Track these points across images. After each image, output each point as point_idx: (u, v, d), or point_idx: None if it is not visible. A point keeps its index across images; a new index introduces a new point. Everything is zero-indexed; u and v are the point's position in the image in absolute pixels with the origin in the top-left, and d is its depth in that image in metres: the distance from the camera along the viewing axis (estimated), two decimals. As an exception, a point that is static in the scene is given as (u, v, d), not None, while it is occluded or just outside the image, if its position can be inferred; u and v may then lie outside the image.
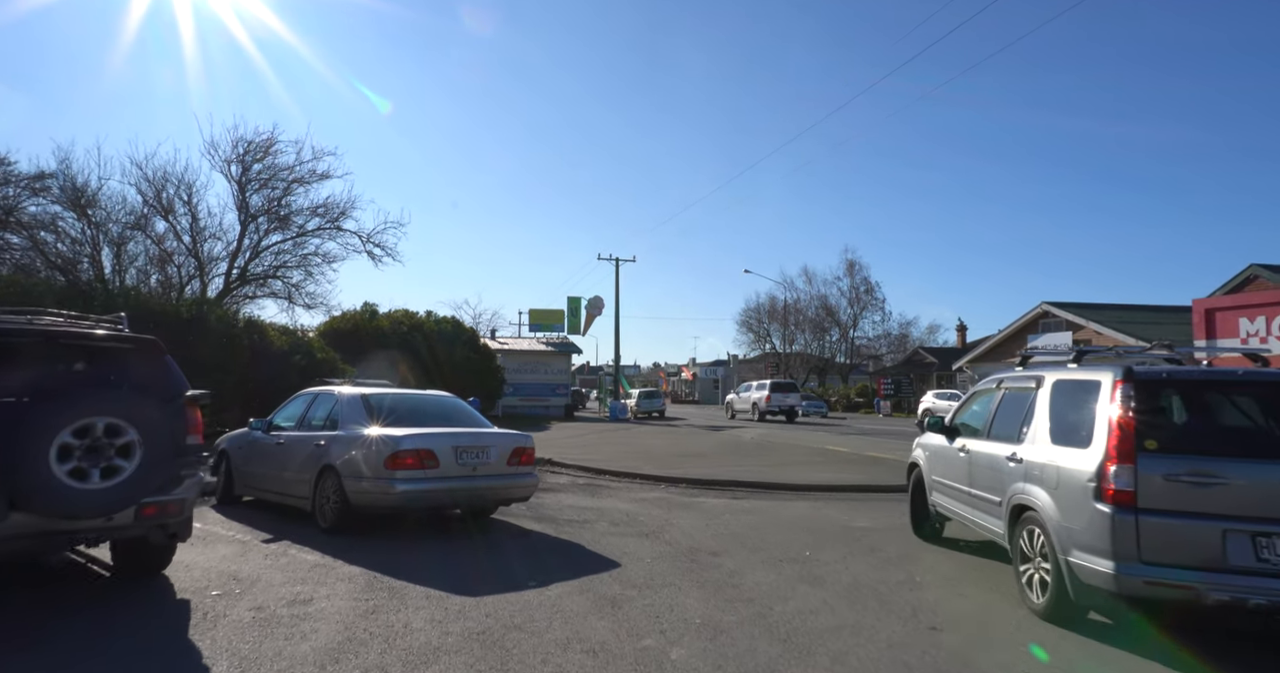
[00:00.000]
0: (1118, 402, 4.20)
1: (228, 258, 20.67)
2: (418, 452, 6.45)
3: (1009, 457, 5.10)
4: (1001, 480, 5.16)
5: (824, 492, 10.30)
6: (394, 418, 7.04)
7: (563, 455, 14.34)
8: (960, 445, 6.03)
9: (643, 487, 10.80)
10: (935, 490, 6.69)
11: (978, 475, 5.66)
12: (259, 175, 20.51)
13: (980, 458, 5.61)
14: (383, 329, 25.68)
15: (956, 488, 6.09)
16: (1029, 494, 4.71)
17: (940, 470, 6.57)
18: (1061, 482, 4.41)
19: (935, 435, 6.72)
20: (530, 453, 7.35)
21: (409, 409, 7.41)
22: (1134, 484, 3.99)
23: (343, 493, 6.55)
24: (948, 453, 6.34)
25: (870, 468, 13.21)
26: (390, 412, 7.16)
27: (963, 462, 5.96)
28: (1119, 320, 28.82)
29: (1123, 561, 3.92)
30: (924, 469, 7.00)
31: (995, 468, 5.32)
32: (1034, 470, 4.73)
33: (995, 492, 5.28)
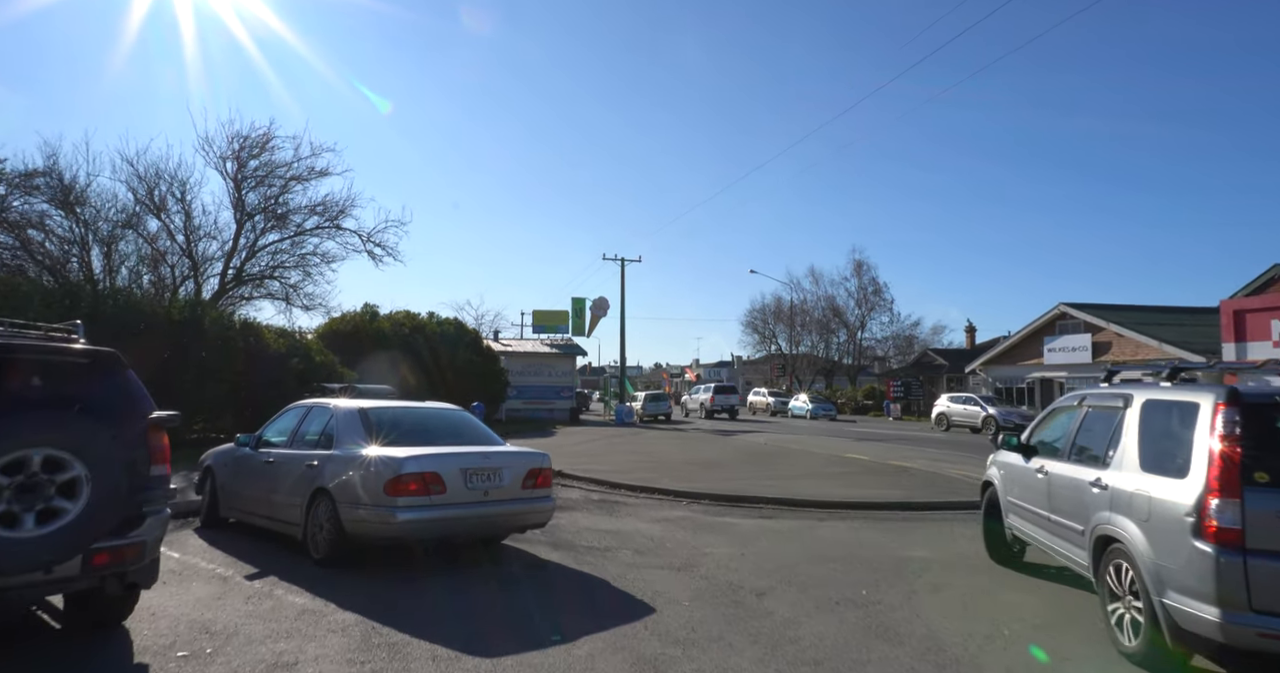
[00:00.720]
0: (1220, 427, 3.79)
1: (223, 258, 19.95)
2: (422, 475, 5.70)
3: (1092, 482, 4.66)
4: (1084, 508, 4.74)
5: (859, 510, 9.54)
6: (395, 435, 6.29)
7: (573, 466, 13.59)
8: (1038, 466, 5.59)
9: (662, 504, 10.05)
10: (1011, 513, 6.22)
11: (1058, 500, 5.22)
12: (255, 172, 19.79)
13: (1060, 481, 5.17)
14: (384, 331, 24.96)
15: (1034, 512, 5.65)
16: (1116, 525, 4.28)
17: (1017, 492, 6.09)
18: (1154, 514, 3.99)
19: (1011, 454, 6.22)
20: (547, 474, 6.59)
21: (412, 425, 6.67)
22: (1240, 522, 3.58)
23: (337, 521, 5.81)
24: (1025, 474, 5.88)
25: (899, 479, 12.45)
26: (391, 428, 6.41)
27: (1041, 484, 5.51)
28: (1140, 322, 28.05)
29: (1230, 608, 3.50)
30: (999, 489, 6.51)
31: (1077, 493, 4.88)
32: (1121, 499, 4.30)
33: (1077, 519, 4.84)
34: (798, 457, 16.85)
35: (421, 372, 25.26)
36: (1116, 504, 4.33)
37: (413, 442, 6.26)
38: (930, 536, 7.88)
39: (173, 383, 14.84)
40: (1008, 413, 28.43)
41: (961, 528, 8.39)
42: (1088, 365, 29.66)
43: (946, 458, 17.52)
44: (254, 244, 20.30)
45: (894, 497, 10.34)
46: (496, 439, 6.95)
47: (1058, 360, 31.15)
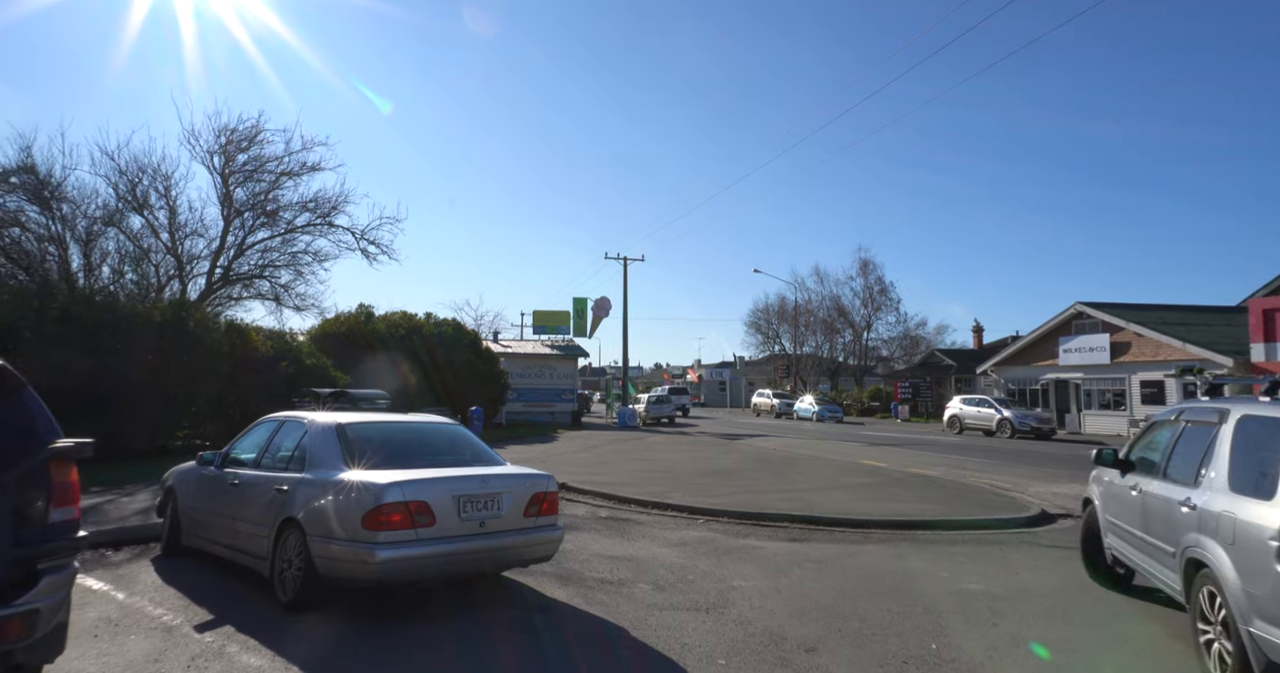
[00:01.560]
0: None
1: (210, 257, 19.04)
2: (407, 505, 4.82)
3: (1182, 501, 4.47)
4: (1174, 528, 4.54)
5: (896, 530, 8.66)
6: (378, 456, 5.41)
7: (578, 477, 12.71)
8: (1133, 483, 5.40)
9: (678, 522, 9.16)
10: (1109, 532, 5.95)
11: (1150, 519, 5.02)
12: (244, 167, 18.91)
13: (1153, 500, 4.98)
14: (379, 332, 24.09)
15: (1130, 531, 5.42)
16: (1203, 548, 4.09)
17: (1114, 510, 5.84)
18: (1239, 537, 3.79)
19: (1109, 470, 5.98)
20: (553, 499, 5.72)
21: (398, 443, 5.79)
22: None
23: (308, 558, 4.93)
24: (1120, 490, 5.66)
25: (927, 491, 11.57)
26: (374, 447, 5.53)
27: (1135, 502, 5.32)
28: (1161, 321, 27.17)
29: None
30: (1098, 507, 6.22)
31: (1168, 513, 4.68)
32: (1209, 520, 4.11)
33: (1168, 541, 4.63)
34: (813, 465, 15.98)
35: (419, 374, 24.39)
36: (1204, 526, 4.13)
37: (398, 463, 5.39)
38: (984, 563, 6.99)
39: (155, 388, 13.98)
40: (1023, 416, 27.59)
41: (1014, 552, 7.51)
42: (1105, 366, 28.81)
43: (970, 465, 16.66)
44: (242, 242, 19.43)
45: (929, 513, 9.46)
46: (495, 458, 6.08)
47: (1074, 361, 30.27)
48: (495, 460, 6.03)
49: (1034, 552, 7.53)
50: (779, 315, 57.22)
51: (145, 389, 13.64)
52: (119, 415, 13.43)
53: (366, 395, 17.81)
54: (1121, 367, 28.21)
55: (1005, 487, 12.77)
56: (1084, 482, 14.13)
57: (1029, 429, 26.99)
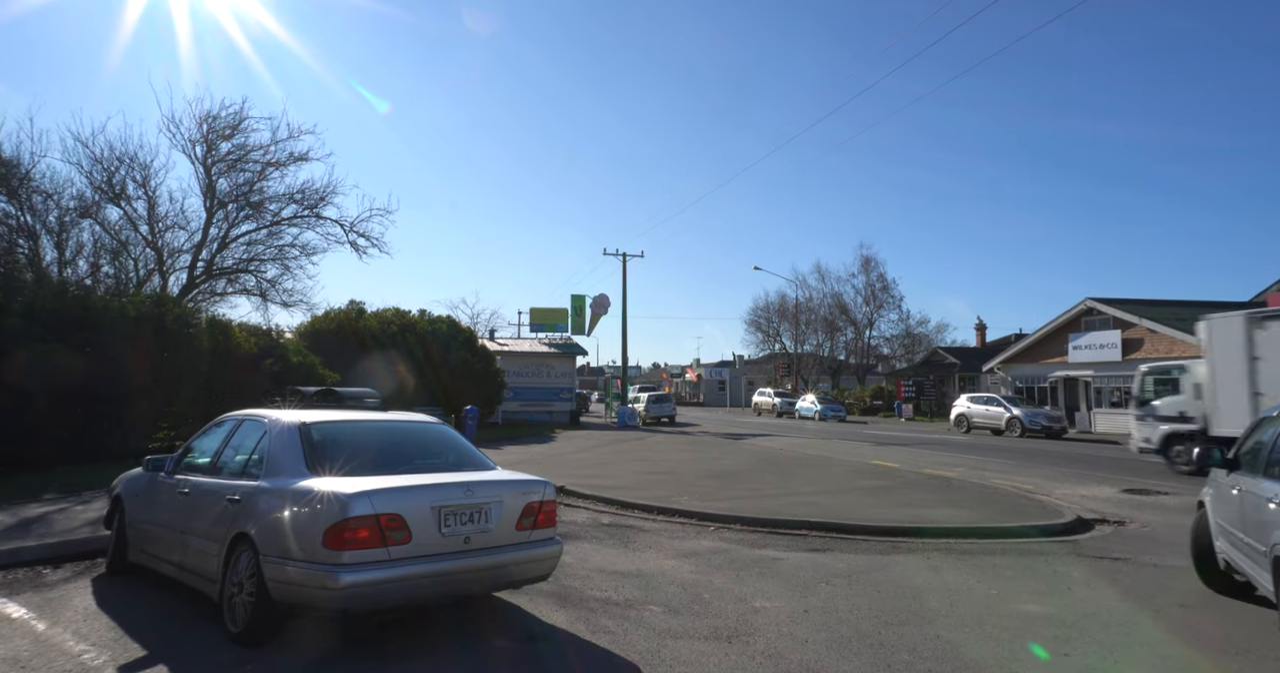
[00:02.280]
0: None
1: (191, 250, 18.23)
2: (377, 518, 4.06)
3: (1270, 499, 4.35)
4: (1264, 526, 4.39)
5: (925, 539, 7.92)
6: (347, 460, 4.66)
7: (577, 480, 11.96)
8: (1234, 482, 5.21)
9: (687, 530, 8.42)
10: (1219, 536, 5.57)
11: (1246, 518, 4.81)
12: (227, 156, 18.08)
13: (1249, 498, 4.79)
14: (371, 330, 23.31)
15: (1231, 532, 5.15)
16: None
17: (1221, 511, 5.52)
18: None
19: (1219, 470, 5.68)
20: (551, 509, 4.97)
21: (373, 446, 5.04)
22: None
23: (261, 581, 4.18)
24: (1225, 490, 5.45)
25: (950, 494, 10.85)
26: (343, 450, 4.78)
27: (1235, 501, 5.11)
28: (1175, 317, 26.46)
29: None
30: (1209, 509, 5.84)
31: (1259, 511, 4.54)
32: None
33: (1260, 540, 4.45)
34: (823, 466, 15.25)
35: (412, 373, 23.64)
36: None
37: (371, 468, 4.64)
38: (1031, 578, 6.25)
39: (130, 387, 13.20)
40: (1034, 414, 26.90)
41: (1061, 565, 6.78)
42: (1117, 364, 28.11)
43: (987, 465, 15.94)
44: (226, 235, 18.59)
45: (958, 520, 8.73)
46: (484, 462, 5.32)
47: (1084, 359, 29.57)
48: (484, 465, 5.27)
49: (1083, 565, 6.79)
50: (779, 313, 56.53)
51: (119, 388, 12.87)
52: (90, 415, 12.66)
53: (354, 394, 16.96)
54: (1134, 364, 27.41)
55: (1029, 489, 12.05)
56: (1111, 484, 13.67)
57: (1039, 428, 26.30)
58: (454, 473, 4.84)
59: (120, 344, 13.13)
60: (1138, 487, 12.44)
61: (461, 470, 5.00)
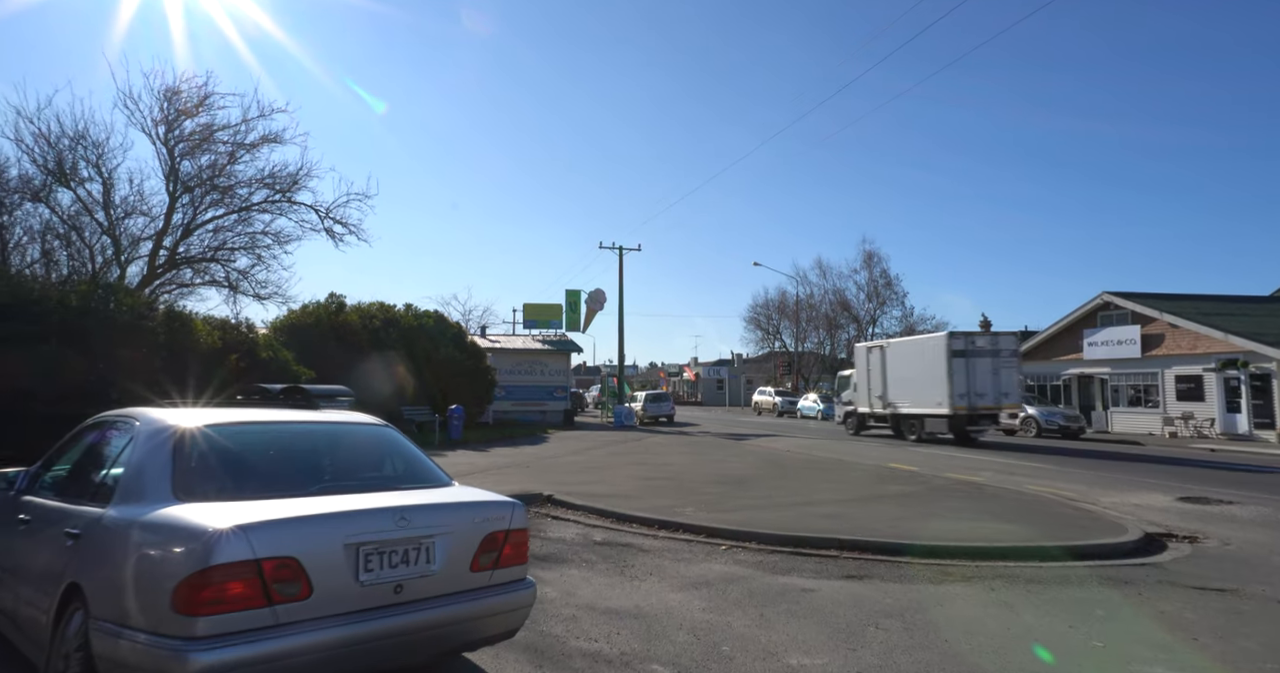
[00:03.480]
0: None
1: (153, 237, 16.86)
2: (256, 565, 2.78)
3: None
4: None
5: (979, 562, 6.65)
6: (236, 479, 3.39)
7: (568, 487, 10.68)
8: None
9: (694, 550, 7.13)
10: None
11: None
12: (191, 136, 16.73)
13: None
14: (351, 325, 21.98)
15: None
16: None
17: None
18: None
19: None
20: (520, 540, 3.70)
21: (278, 459, 3.74)
22: None
23: (89, 658, 2.89)
24: None
25: (985, 504, 9.59)
26: (231, 464, 3.50)
27: None
28: (1198, 312, 25.26)
29: None
30: None
31: None
32: None
33: None
34: (837, 469, 13.99)
35: (396, 370, 22.32)
36: None
37: (268, 489, 3.35)
38: (1135, 620, 4.98)
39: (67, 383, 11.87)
40: (1050, 413, 25.67)
41: (1161, 600, 5.50)
42: (1136, 360, 26.92)
43: (1014, 469, 14.71)
44: (191, 221, 17.23)
45: (1010, 537, 7.46)
46: (435, 476, 4.03)
47: (1100, 355, 28.37)
48: (435, 479, 3.99)
49: (1187, 599, 5.53)
50: (779, 310, 55.35)
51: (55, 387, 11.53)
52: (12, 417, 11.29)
53: (326, 392, 15.42)
54: (1154, 360, 26.33)
55: (1070, 497, 10.80)
56: (1160, 491, 12.33)
57: (1056, 428, 25.08)
58: (386, 493, 3.55)
59: (57, 336, 11.79)
60: (1194, 495, 11.19)
61: (400, 488, 3.72)
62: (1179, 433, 24.82)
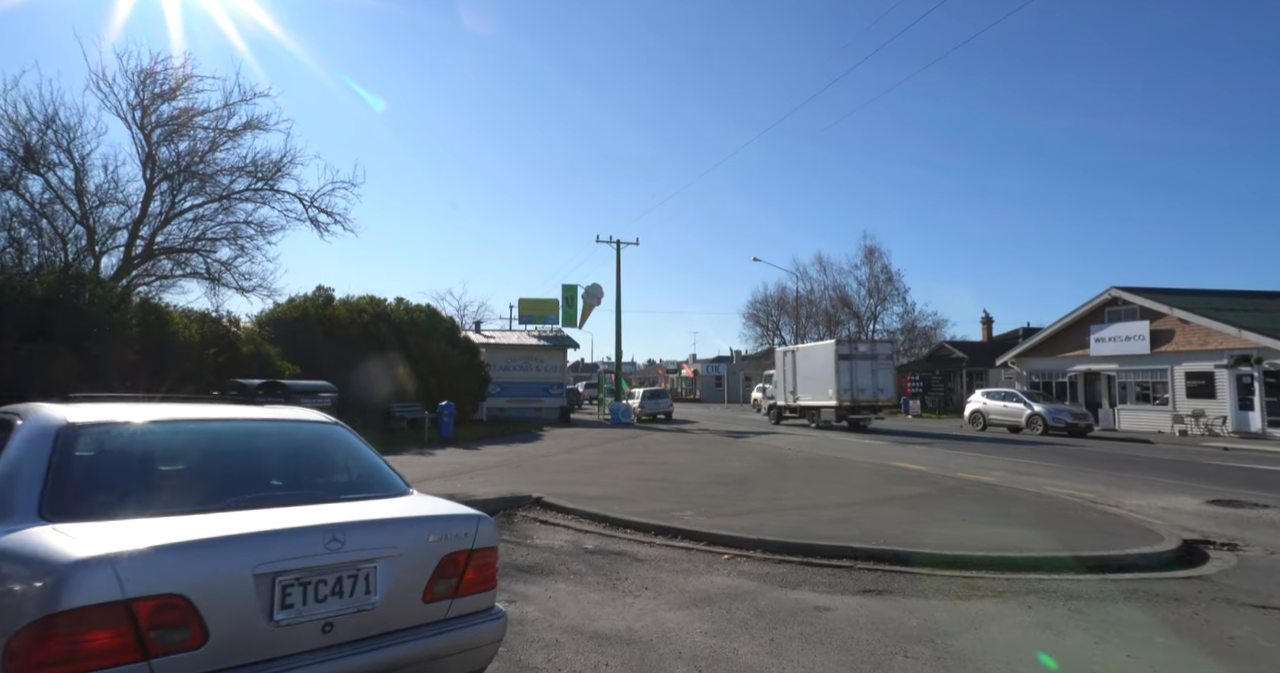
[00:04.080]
0: None
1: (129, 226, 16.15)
2: (127, 608, 2.14)
3: None
4: None
5: (1008, 574, 6.03)
6: (125, 492, 2.73)
7: (559, 488, 10.05)
8: None
9: (694, 559, 6.50)
10: None
11: None
12: (169, 121, 16.00)
13: None
14: (339, 318, 21.30)
15: None
16: None
17: None
18: None
19: None
20: (486, 562, 3.06)
21: (188, 465, 3.09)
22: None
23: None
24: None
25: (1003, 506, 8.97)
26: (123, 473, 2.86)
27: None
28: (1210, 307, 24.66)
29: None
30: None
31: None
32: None
33: None
34: (842, 469, 13.37)
35: (385, 366, 21.66)
36: None
37: (170, 504, 2.71)
38: (1204, 650, 4.35)
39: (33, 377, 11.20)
40: (1056, 411, 25.06)
41: (1224, 622, 4.88)
42: (1144, 357, 26.33)
43: (1026, 468, 14.10)
44: (169, 210, 16.52)
45: (1036, 545, 6.84)
46: (389, 484, 3.38)
47: (1107, 351, 27.77)
48: (388, 487, 3.35)
49: (1253, 620, 4.90)
50: (779, 306, 54.72)
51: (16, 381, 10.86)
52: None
53: (306, 388, 14.63)
54: (1163, 357, 25.74)
55: (1090, 498, 10.19)
56: (1186, 492, 11.45)
57: (1062, 425, 24.48)
58: (321, 507, 2.91)
59: (23, 328, 11.12)
60: (1224, 497, 10.58)
61: (341, 499, 3.07)
62: (1189, 431, 24.24)
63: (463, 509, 3.17)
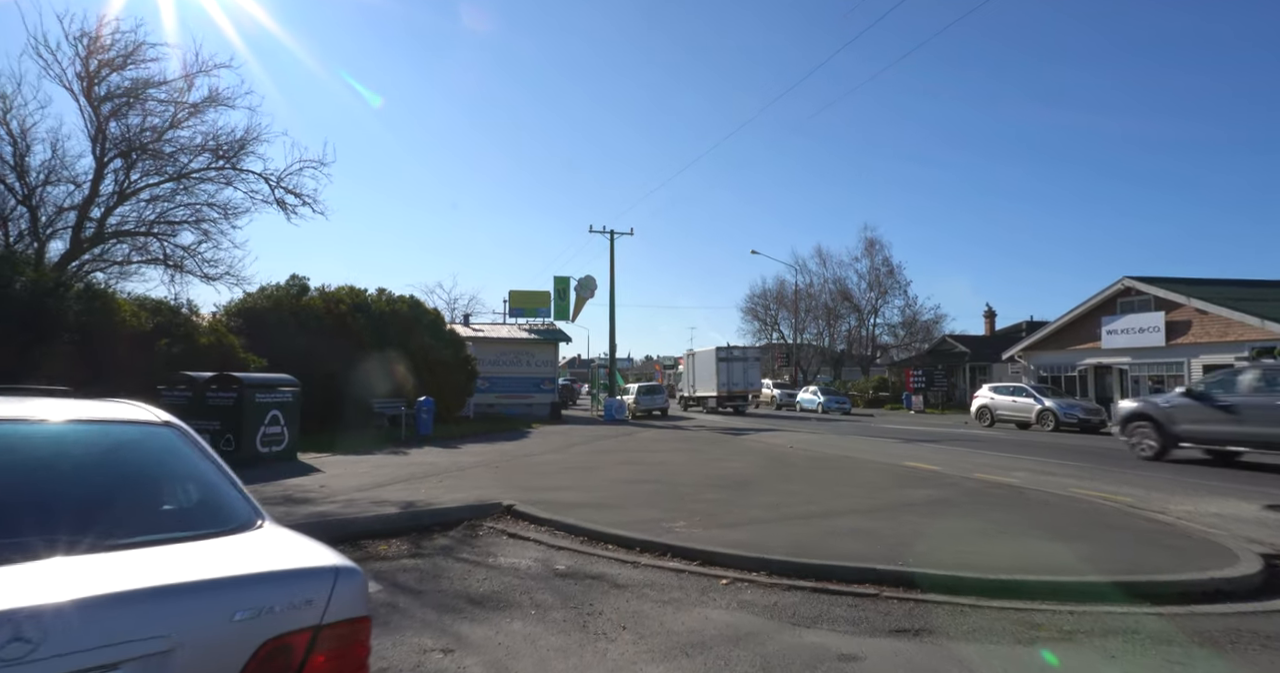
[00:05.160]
0: None
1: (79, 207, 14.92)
2: None
3: None
4: None
5: (1070, 606, 4.92)
6: None
7: (536, 493, 8.91)
8: None
9: (686, 585, 5.38)
10: None
11: None
12: (120, 93, 14.75)
13: None
14: (314, 309, 20.12)
15: None
16: None
17: None
18: None
19: None
20: (347, 647, 1.92)
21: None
22: None
23: None
24: None
25: (1034, 512, 7.87)
26: None
27: None
28: (1228, 297, 23.58)
29: None
30: None
31: None
32: None
33: None
34: (849, 469, 12.27)
35: (364, 360, 20.48)
36: None
37: None
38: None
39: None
40: (1069, 406, 24.01)
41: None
42: (1159, 349, 25.27)
43: (1048, 468, 13.02)
44: (122, 190, 15.28)
45: (1091, 566, 5.73)
46: (223, 512, 2.25)
47: (1119, 344, 26.70)
48: (220, 518, 2.22)
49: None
50: (778, 300, 53.59)
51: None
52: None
53: (263, 381, 13.22)
54: (1179, 349, 24.68)
55: (1131, 504, 9.09)
56: (1235, 495, 9.76)
57: (1075, 421, 23.43)
58: (67, 560, 1.76)
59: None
60: None
61: (124, 544, 1.93)
62: (1207, 427, 23.18)
63: (321, 560, 2.03)
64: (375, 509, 7.68)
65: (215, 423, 11.30)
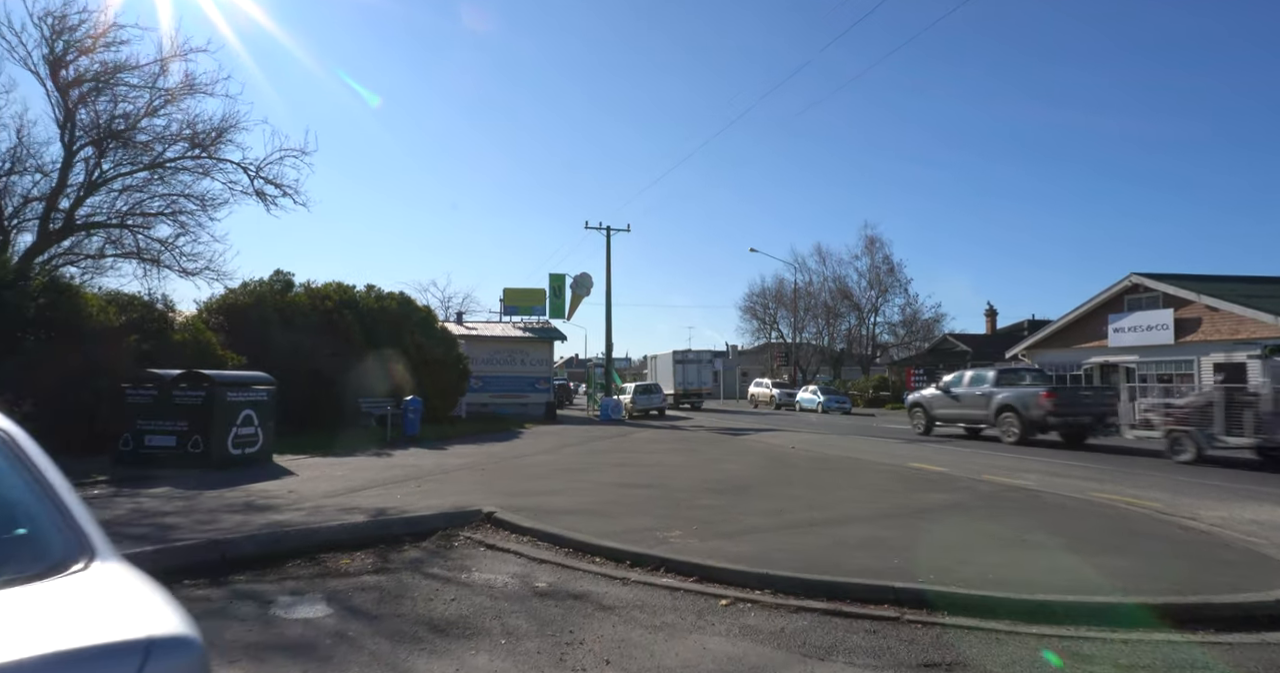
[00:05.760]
0: None
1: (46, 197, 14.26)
2: None
3: None
4: None
5: (1112, 631, 4.31)
6: None
7: (521, 500, 8.27)
8: None
9: (680, 606, 4.75)
10: None
11: None
12: (90, 77, 14.08)
13: None
14: (300, 306, 19.45)
15: None
16: None
17: None
18: None
19: None
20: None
21: None
22: None
23: None
24: None
25: (1060, 521, 7.26)
26: None
27: None
28: (1239, 294, 23.00)
29: None
30: None
31: None
32: None
33: None
34: (854, 471, 11.68)
35: (351, 358, 19.83)
36: None
37: None
38: None
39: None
40: (1072, 406, 23.37)
41: None
42: (1168, 347, 24.68)
43: (1061, 470, 12.42)
44: (93, 180, 14.62)
45: (1134, 582, 5.12)
46: (37, 548, 1.62)
47: (1127, 342, 26.11)
48: (33, 555, 1.58)
49: None
50: (777, 299, 52.98)
51: None
52: None
53: (236, 379, 12.56)
54: (1189, 347, 24.09)
55: (1159, 509, 8.48)
56: (1266, 500, 9.00)
57: (1085, 421, 22.81)
58: None
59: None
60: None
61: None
62: (1217, 426, 22.60)
63: (133, 622, 1.40)
64: (342, 518, 7.04)
65: (183, 424, 10.65)
